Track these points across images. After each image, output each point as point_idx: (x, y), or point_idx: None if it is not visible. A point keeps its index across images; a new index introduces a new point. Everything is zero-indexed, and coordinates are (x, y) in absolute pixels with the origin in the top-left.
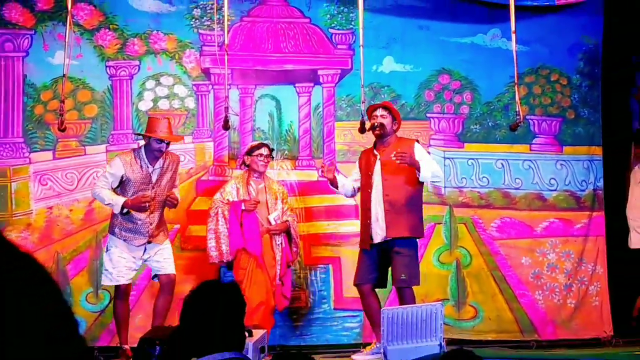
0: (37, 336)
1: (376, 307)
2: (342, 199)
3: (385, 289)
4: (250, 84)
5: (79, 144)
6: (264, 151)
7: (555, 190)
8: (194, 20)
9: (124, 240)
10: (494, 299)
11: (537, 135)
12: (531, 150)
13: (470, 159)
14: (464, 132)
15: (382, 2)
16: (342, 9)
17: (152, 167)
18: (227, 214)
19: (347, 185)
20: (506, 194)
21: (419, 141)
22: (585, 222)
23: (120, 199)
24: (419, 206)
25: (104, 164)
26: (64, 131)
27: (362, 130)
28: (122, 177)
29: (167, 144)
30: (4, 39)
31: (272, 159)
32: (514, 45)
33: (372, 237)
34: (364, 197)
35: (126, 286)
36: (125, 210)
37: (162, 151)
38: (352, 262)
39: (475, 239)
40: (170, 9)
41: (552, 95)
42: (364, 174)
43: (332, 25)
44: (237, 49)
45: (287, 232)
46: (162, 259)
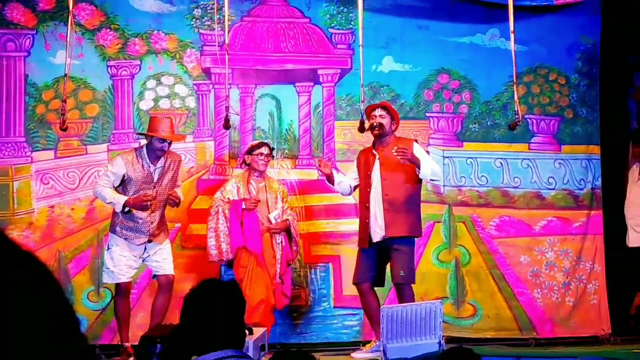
0: (39, 334)
1: (375, 305)
2: (342, 198)
3: (385, 288)
4: (250, 84)
5: (80, 143)
6: (264, 150)
7: (553, 189)
8: (194, 20)
9: (125, 239)
10: (492, 297)
11: (535, 134)
12: (530, 149)
13: (469, 158)
14: (463, 131)
15: (382, 2)
16: (341, 8)
17: (154, 166)
18: (227, 212)
19: (344, 183)
20: (505, 193)
21: (417, 141)
22: (583, 220)
23: (121, 198)
24: (418, 205)
25: (105, 163)
26: (65, 130)
27: (361, 129)
28: (123, 176)
29: (169, 143)
30: (6, 39)
31: (273, 158)
32: (512, 44)
33: (370, 236)
34: (363, 196)
35: (127, 284)
36: (126, 209)
37: (164, 150)
38: (352, 260)
39: (474, 237)
40: (171, 9)
41: (551, 94)
42: (362, 173)
43: (332, 25)
44: (237, 49)
45: (287, 230)
46: (160, 259)
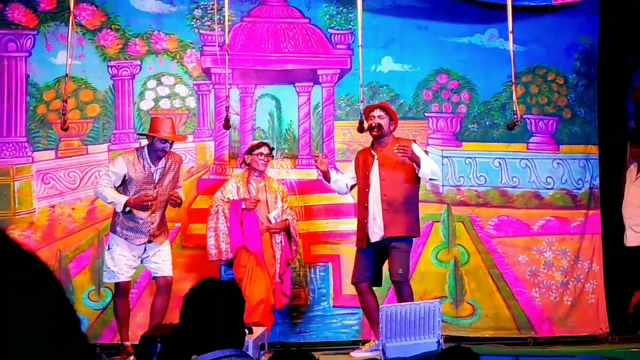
0: (40, 334)
1: (374, 305)
2: (341, 198)
3: (384, 287)
4: (250, 84)
5: (81, 143)
6: (264, 150)
7: (551, 188)
8: (194, 20)
9: (125, 239)
10: (491, 296)
11: (534, 134)
12: (528, 149)
13: (467, 158)
14: (461, 131)
15: (381, 3)
16: (341, 9)
17: (155, 166)
18: (227, 212)
19: (340, 181)
20: (503, 193)
21: (416, 141)
22: (581, 220)
23: (122, 198)
24: (416, 205)
25: (106, 163)
26: (66, 130)
27: (360, 129)
28: (124, 176)
29: (171, 143)
30: (7, 39)
31: (272, 158)
32: (511, 45)
33: (368, 236)
34: (362, 196)
35: (126, 284)
36: (127, 209)
37: (165, 151)
38: (351, 260)
39: (472, 237)
40: (171, 10)
41: (549, 94)
42: (361, 174)
43: (332, 25)
44: (237, 49)
45: (286, 230)
46: (160, 260)
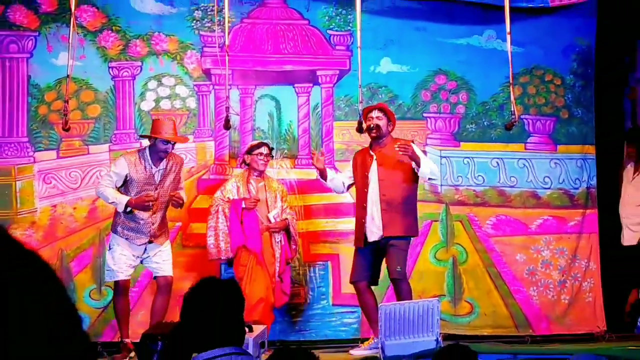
0: (40, 334)
1: (372, 303)
2: (341, 197)
3: (383, 286)
4: (250, 85)
5: (82, 143)
6: (264, 150)
7: (549, 188)
8: (195, 22)
9: (126, 239)
10: (489, 295)
11: (531, 134)
12: (526, 149)
13: (466, 158)
14: (460, 132)
15: (380, 4)
16: (340, 10)
17: (156, 167)
18: (227, 211)
19: (337, 180)
20: (501, 192)
21: (414, 142)
22: (578, 219)
23: (124, 198)
24: (414, 205)
25: (107, 163)
26: (67, 131)
27: (359, 130)
28: (126, 176)
29: (173, 144)
30: (9, 41)
31: (272, 158)
32: (509, 46)
33: (366, 236)
34: (360, 196)
35: (125, 282)
36: (128, 209)
37: (167, 152)
38: (351, 259)
39: (471, 236)
40: (171, 11)
41: (546, 95)
42: (360, 174)
43: (331, 26)
44: (237, 50)
45: (286, 229)
46: (160, 260)
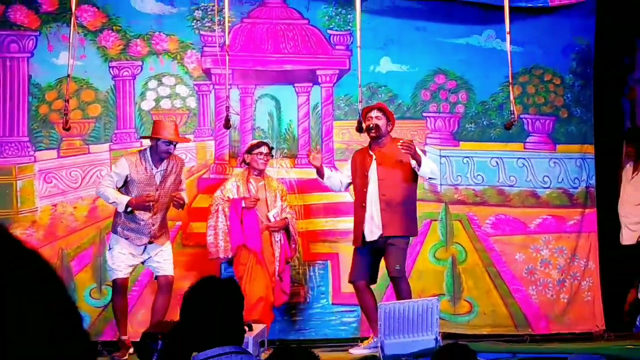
0: (39, 335)
1: (372, 302)
2: (340, 197)
3: (383, 285)
4: (250, 84)
5: (82, 142)
6: (264, 150)
7: (548, 187)
8: (195, 21)
9: (126, 239)
10: (488, 294)
11: (530, 133)
12: (525, 148)
13: (465, 157)
14: (459, 131)
15: (379, 4)
16: (340, 10)
17: (156, 168)
18: (227, 211)
19: (333, 178)
20: (501, 192)
21: (413, 141)
22: (577, 218)
23: (124, 198)
24: (414, 205)
25: (108, 163)
26: (68, 130)
27: (359, 129)
28: (126, 177)
29: (175, 145)
30: (10, 40)
31: (272, 157)
32: (508, 45)
33: (364, 236)
34: (360, 196)
35: (123, 280)
36: (129, 209)
37: (170, 152)
38: (350, 258)
39: (470, 235)
40: (172, 11)
41: (546, 94)
42: (359, 173)
43: (330, 26)
44: (237, 50)
45: (286, 229)
46: (162, 259)
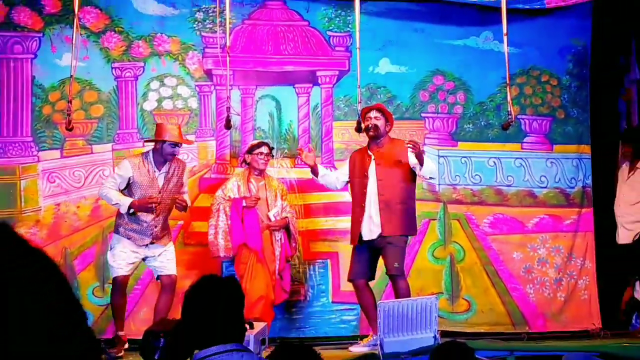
0: (40, 334)
1: (371, 301)
2: (340, 196)
3: (382, 283)
4: (251, 85)
5: (85, 142)
6: (264, 150)
7: (545, 187)
8: (196, 23)
9: (128, 238)
10: (486, 292)
11: (528, 134)
12: (522, 148)
13: (463, 157)
14: (457, 131)
15: (378, 6)
16: (339, 12)
17: (159, 171)
18: (228, 210)
19: (329, 176)
20: (498, 191)
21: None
22: (574, 218)
23: (127, 200)
24: (413, 204)
25: (110, 163)
26: (71, 130)
27: (358, 130)
28: (129, 179)
29: (179, 147)
30: (14, 42)
31: (272, 157)
32: (505, 47)
33: (361, 235)
34: (358, 196)
35: (124, 278)
36: (131, 210)
37: (175, 154)
38: (349, 257)
39: (468, 234)
40: (173, 13)
41: (543, 95)
42: (358, 173)
43: (330, 28)
44: (238, 51)
45: (286, 228)
46: (165, 259)
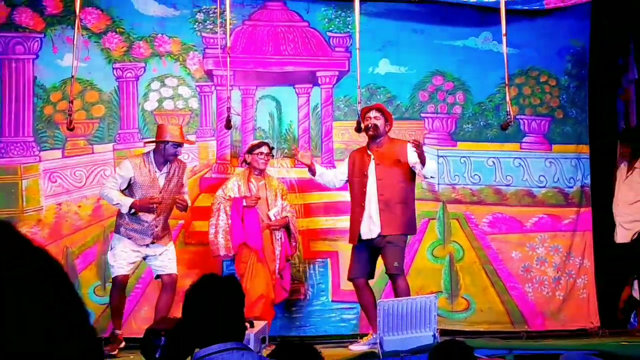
0: (37, 334)
1: (371, 299)
2: (340, 196)
3: (382, 282)
4: (251, 85)
5: (87, 142)
6: (265, 150)
7: (544, 187)
8: (197, 24)
9: (129, 238)
10: (485, 291)
11: (527, 134)
12: (521, 148)
13: (462, 157)
14: (456, 131)
15: (378, 7)
16: (339, 13)
17: (160, 172)
18: (229, 209)
19: (326, 175)
20: (497, 191)
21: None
22: (573, 217)
23: (128, 200)
24: (413, 204)
25: (111, 163)
26: (72, 130)
27: (358, 129)
28: (130, 179)
29: (181, 147)
30: (15, 42)
31: (272, 157)
32: (504, 47)
33: (360, 234)
34: (358, 196)
35: (123, 277)
36: (132, 210)
37: (177, 155)
38: (349, 256)
39: (467, 234)
40: (174, 13)
41: (542, 95)
42: (357, 173)
43: (330, 28)
44: (238, 52)
45: (286, 227)
46: (166, 259)
